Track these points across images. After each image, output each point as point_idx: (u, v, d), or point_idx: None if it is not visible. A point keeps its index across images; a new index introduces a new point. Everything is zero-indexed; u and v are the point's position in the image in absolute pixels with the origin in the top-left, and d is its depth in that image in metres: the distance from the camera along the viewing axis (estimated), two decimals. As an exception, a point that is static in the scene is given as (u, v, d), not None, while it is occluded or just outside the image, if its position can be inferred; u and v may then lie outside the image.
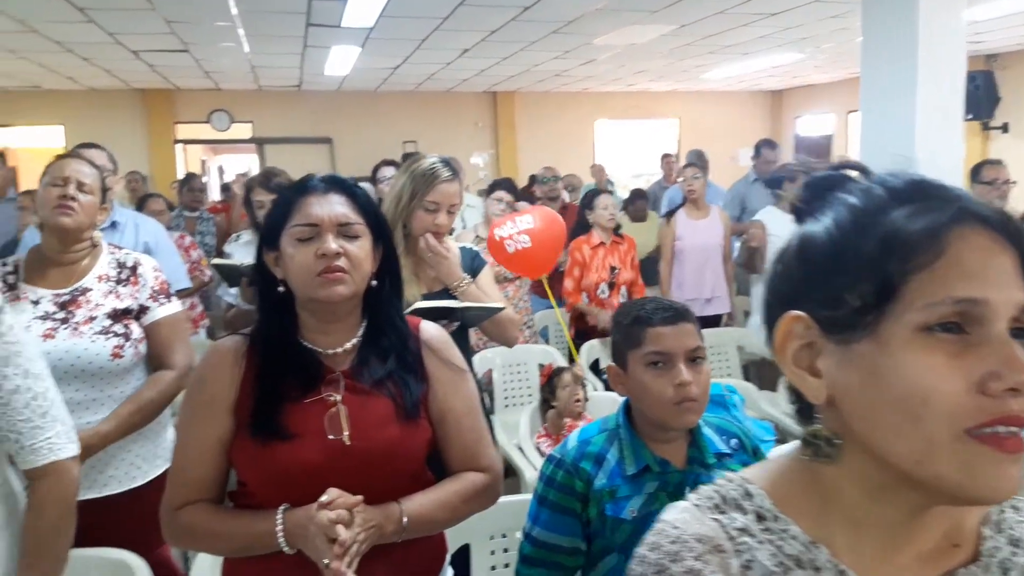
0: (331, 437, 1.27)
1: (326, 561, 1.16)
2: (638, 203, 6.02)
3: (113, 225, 2.89)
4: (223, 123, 11.22)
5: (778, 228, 4.21)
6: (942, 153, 3.85)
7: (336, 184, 1.35)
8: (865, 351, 0.63)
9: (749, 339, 4.24)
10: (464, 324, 2.22)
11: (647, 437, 1.47)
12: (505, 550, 1.98)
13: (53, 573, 1.36)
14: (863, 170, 0.73)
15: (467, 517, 1.44)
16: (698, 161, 6.24)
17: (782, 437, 3.14)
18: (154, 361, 2.08)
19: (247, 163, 13.75)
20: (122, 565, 1.68)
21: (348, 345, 1.35)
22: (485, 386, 2.76)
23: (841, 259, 0.64)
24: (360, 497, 1.22)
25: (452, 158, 2.40)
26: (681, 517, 0.72)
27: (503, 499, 2.10)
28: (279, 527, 1.22)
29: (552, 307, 4.72)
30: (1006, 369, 0.57)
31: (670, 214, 4.58)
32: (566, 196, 6.23)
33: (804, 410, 0.72)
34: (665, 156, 7.85)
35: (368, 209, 1.36)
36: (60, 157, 2.12)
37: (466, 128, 12.39)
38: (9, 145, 11.49)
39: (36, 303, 1.94)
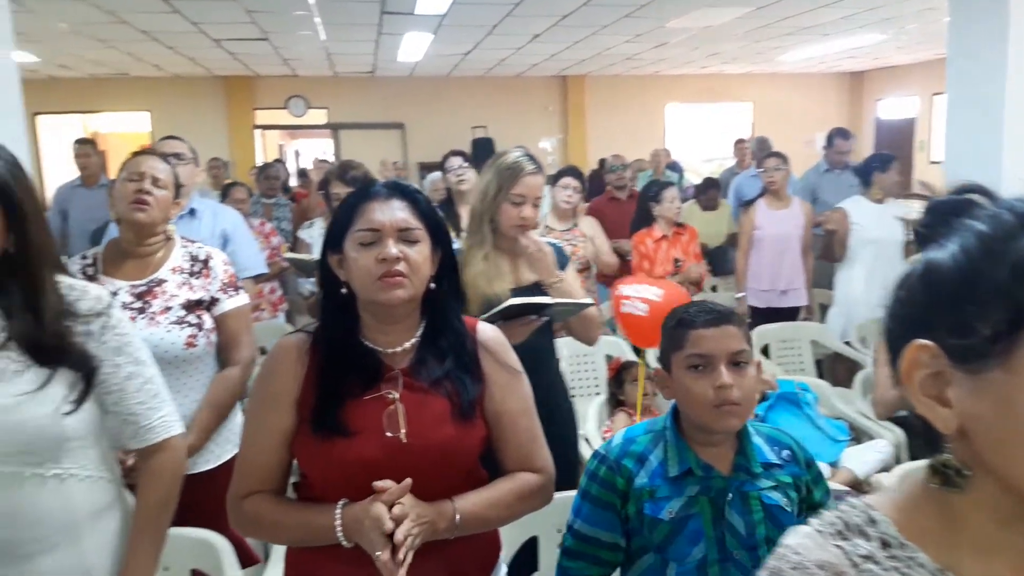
0: (389, 434, 1.31)
1: (377, 552, 1.21)
2: (710, 192, 5.92)
3: (192, 213, 2.97)
4: (300, 109, 11.49)
5: (863, 218, 4.09)
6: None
7: (398, 190, 1.39)
8: (997, 380, 0.61)
9: (824, 334, 4.15)
10: (551, 319, 2.23)
11: (692, 440, 1.47)
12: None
13: (158, 546, 1.45)
14: (988, 194, 0.72)
15: (519, 517, 1.47)
16: (761, 151, 6.11)
17: (856, 436, 3.08)
18: (222, 351, 2.16)
19: (322, 148, 14.07)
20: (206, 544, 1.77)
21: (407, 345, 1.39)
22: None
23: (970, 287, 0.63)
24: (408, 481, 1.26)
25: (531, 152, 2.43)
26: (802, 543, 0.71)
27: (569, 493, 2.14)
28: (338, 522, 1.27)
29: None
30: None
31: (749, 203, 4.50)
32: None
33: (932, 438, 0.70)
34: (738, 142, 7.67)
35: (428, 214, 1.39)
36: (136, 154, 2.23)
37: (535, 113, 12.38)
38: (99, 130, 12.04)
39: (114, 294, 2.01)
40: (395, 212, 1.34)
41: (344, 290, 1.37)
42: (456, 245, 2.42)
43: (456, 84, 11.79)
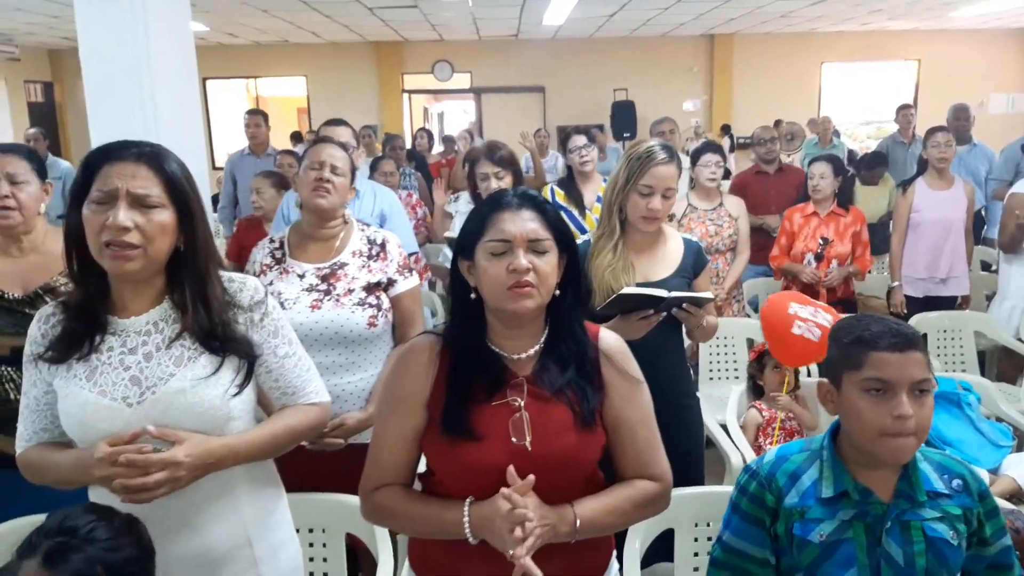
0: (514, 441, 1.35)
1: (512, 552, 1.25)
2: (877, 170, 5.53)
3: (355, 194, 3.12)
4: (445, 73, 11.74)
5: None
6: None
7: (528, 200, 1.41)
8: None
9: (989, 325, 3.88)
10: (668, 313, 2.18)
11: (851, 462, 1.41)
12: (708, 538, 2.01)
13: (250, 450, 1.49)
14: None
15: (635, 523, 1.51)
16: (957, 121, 5.56)
17: (1021, 441, 2.91)
18: (397, 328, 2.26)
19: (463, 109, 14.31)
20: (351, 508, 1.85)
21: (531, 351, 1.42)
22: (689, 359, 2.73)
23: None
24: (532, 478, 1.29)
25: (672, 144, 2.36)
26: None
27: (707, 487, 2.15)
28: (466, 519, 1.32)
29: (762, 275, 4.58)
30: None
31: (907, 183, 4.20)
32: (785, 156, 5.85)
33: None
34: (902, 108, 7.05)
35: (556, 224, 1.41)
36: (317, 141, 2.38)
37: (679, 74, 12.05)
38: (260, 94, 12.79)
39: (302, 276, 2.16)
40: (526, 223, 1.37)
41: (473, 295, 1.42)
42: (690, 238, 2.39)
43: (598, 46, 11.65)
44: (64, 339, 1.40)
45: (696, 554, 2.02)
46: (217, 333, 1.42)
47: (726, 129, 10.99)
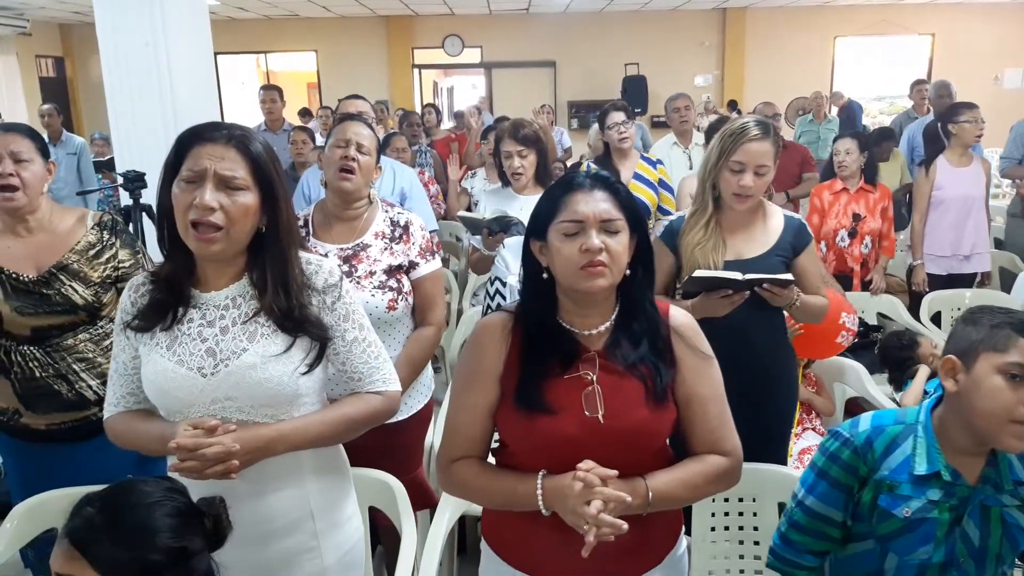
0: (588, 414, 1.37)
1: (585, 527, 1.27)
2: (884, 145, 5.52)
3: None
4: (455, 48, 11.68)
5: None
6: None
7: (601, 181, 1.43)
8: None
9: (1014, 302, 3.88)
10: (752, 292, 2.13)
11: (947, 443, 1.42)
12: (726, 513, 2.05)
13: (318, 434, 1.52)
14: None
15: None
16: (939, 96, 5.55)
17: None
18: (417, 311, 2.24)
19: (473, 84, 14.23)
20: (385, 486, 1.96)
21: (603, 328, 1.44)
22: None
23: None
24: (614, 472, 1.31)
25: (770, 120, 2.31)
26: None
27: (778, 467, 2.10)
28: (539, 491, 1.35)
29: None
30: None
31: (928, 161, 4.18)
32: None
33: None
34: (916, 84, 6.97)
35: (628, 204, 1.42)
36: (343, 119, 2.34)
37: (691, 48, 11.96)
38: (270, 68, 12.76)
39: (325, 256, 2.10)
40: (598, 204, 1.39)
41: (545, 275, 1.45)
42: (793, 215, 2.33)
43: (609, 20, 11.55)
44: (151, 309, 1.46)
45: (713, 528, 2.05)
46: (293, 315, 1.46)
47: (732, 105, 10.92)
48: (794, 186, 5.08)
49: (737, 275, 2.07)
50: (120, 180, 3.53)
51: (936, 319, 3.79)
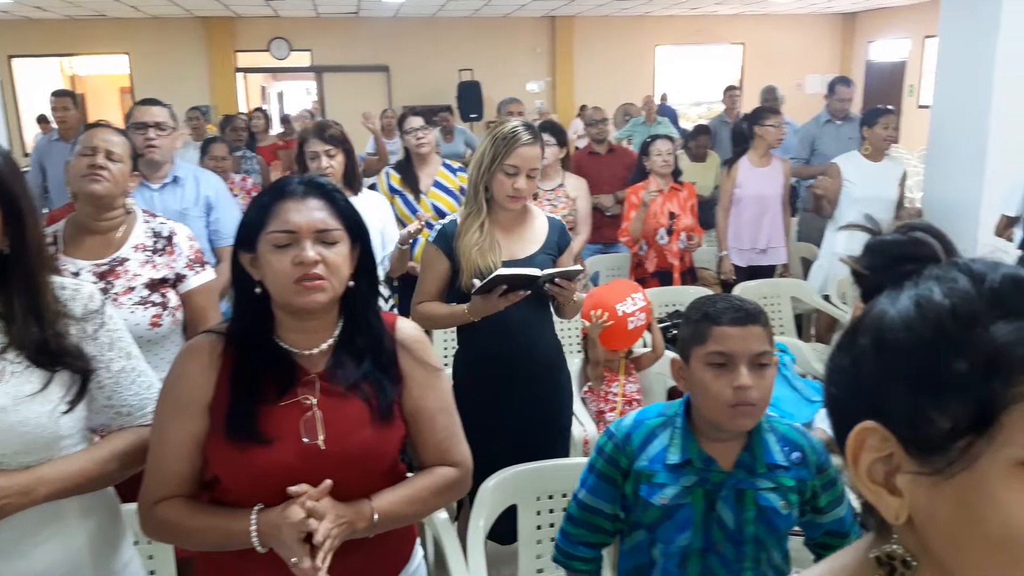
0: (306, 441, 1.29)
1: (294, 560, 1.19)
2: (700, 139, 5.79)
3: (175, 181, 2.87)
4: (282, 51, 11.27)
5: (853, 174, 4.08)
6: (1022, 83, 3.65)
7: (315, 188, 1.33)
8: (957, 480, 0.54)
9: (803, 290, 4.19)
10: (542, 289, 2.21)
11: (700, 433, 1.47)
12: (551, 511, 2.05)
13: (82, 483, 1.38)
14: (937, 235, 0.66)
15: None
16: (767, 102, 5.96)
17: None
18: (188, 327, 2.10)
19: (305, 90, 13.82)
20: None
21: (324, 346, 1.36)
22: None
23: (927, 372, 0.56)
24: (328, 483, 1.24)
25: (533, 123, 2.37)
26: None
27: (550, 462, 2.17)
28: (253, 527, 1.25)
29: (603, 252, 4.72)
30: None
31: (731, 162, 4.44)
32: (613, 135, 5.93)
33: (879, 523, 0.64)
34: (729, 89, 7.46)
35: (346, 213, 1.34)
36: (90, 126, 2.17)
37: (523, 55, 12.18)
38: (77, 73, 11.78)
39: (76, 275, 1.94)
40: (312, 213, 1.30)
41: (258, 290, 1.33)
42: (554, 216, 2.43)
43: (442, 25, 11.56)
44: None
45: (539, 527, 2.05)
46: (48, 347, 1.27)
47: (583, 109, 11.23)
48: (622, 188, 5.26)
49: (537, 271, 2.12)
50: None
51: (746, 309, 4.01)
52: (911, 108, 11.65)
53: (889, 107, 4.35)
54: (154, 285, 2.03)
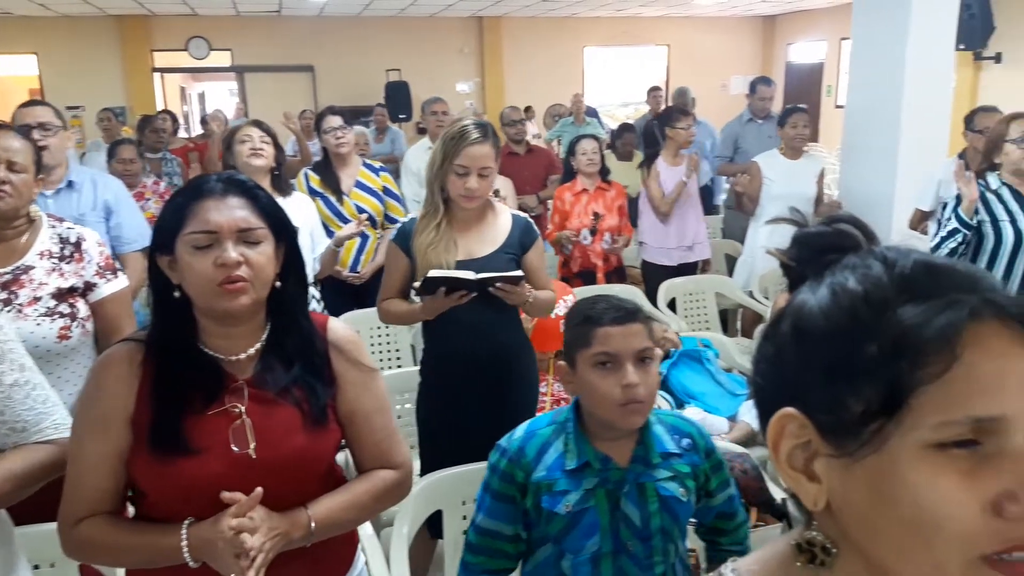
0: (236, 450, 1.24)
1: (232, 575, 1.16)
2: (626, 137, 5.82)
3: (70, 185, 2.73)
4: (201, 51, 10.92)
5: (773, 172, 4.18)
6: (931, 83, 3.80)
7: (235, 186, 1.27)
8: (869, 463, 0.56)
9: (727, 285, 4.25)
10: (483, 294, 2.17)
11: (593, 434, 1.47)
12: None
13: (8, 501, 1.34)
14: (860, 227, 0.68)
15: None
16: (686, 104, 6.08)
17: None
18: (101, 338, 1.99)
19: (228, 90, 13.45)
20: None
21: (251, 351, 1.30)
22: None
23: (841, 356, 0.57)
24: (259, 492, 1.19)
25: (487, 121, 2.33)
26: None
27: (473, 465, 2.14)
28: (184, 542, 1.20)
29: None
30: (1022, 489, 0.52)
31: (648, 162, 4.47)
32: (531, 133, 5.88)
33: (806, 512, 0.65)
34: (653, 90, 7.60)
35: (269, 210, 1.29)
36: None
37: (451, 56, 12.10)
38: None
39: None
40: (233, 212, 1.24)
41: (177, 293, 1.26)
42: (519, 214, 2.38)
43: (368, 25, 11.38)
44: None
45: (465, 532, 2.02)
46: None
47: (527, 110, 11.22)
48: (542, 188, 5.25)
49: (470, 274, 2.11)
50: None
51: (672, 305, 4.05)
52: (829, 108, 12.02)
53: (800, 106, 4.46)
54: (62, 295, 1.89)
